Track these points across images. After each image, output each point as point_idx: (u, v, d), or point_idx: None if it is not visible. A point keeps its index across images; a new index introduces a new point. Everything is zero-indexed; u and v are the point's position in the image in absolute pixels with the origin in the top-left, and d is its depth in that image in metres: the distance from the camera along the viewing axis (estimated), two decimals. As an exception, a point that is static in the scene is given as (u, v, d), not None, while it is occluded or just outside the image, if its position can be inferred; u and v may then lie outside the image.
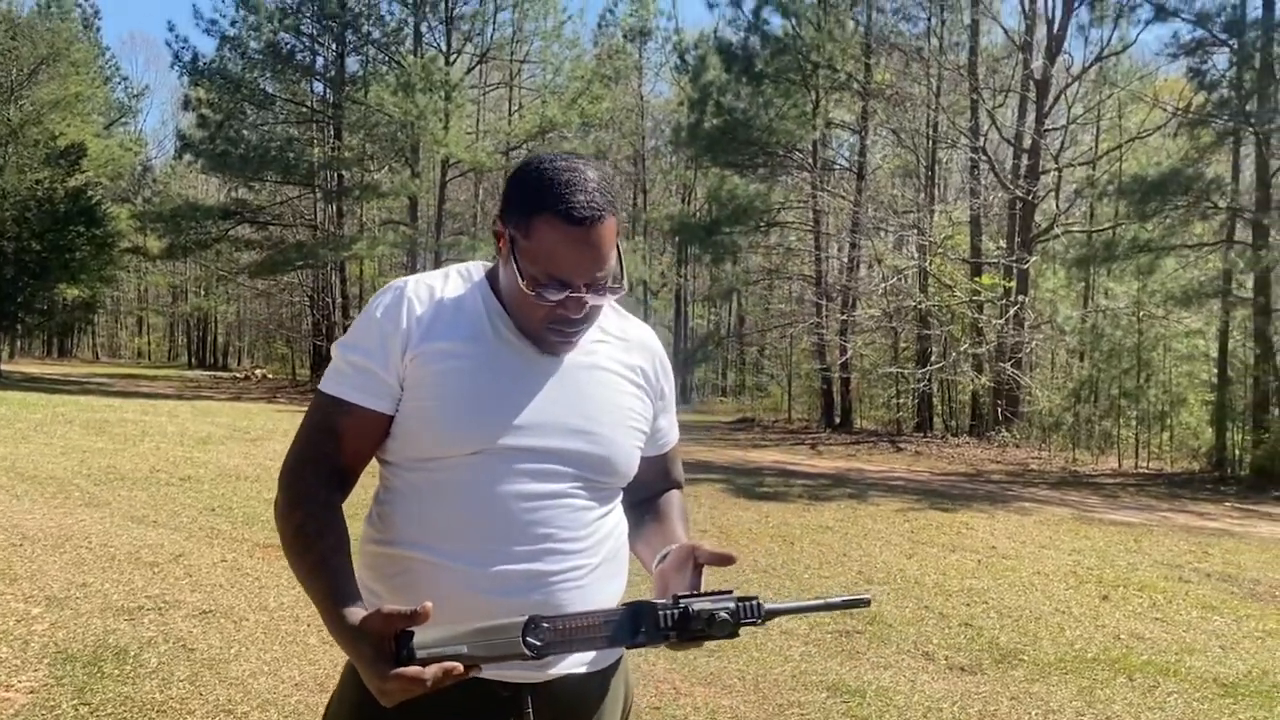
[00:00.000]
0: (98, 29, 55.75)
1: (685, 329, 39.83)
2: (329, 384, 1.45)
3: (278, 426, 15.92)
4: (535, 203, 1.36)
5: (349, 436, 1.43)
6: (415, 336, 1.41)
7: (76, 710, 3.66)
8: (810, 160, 25.03)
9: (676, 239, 33.21)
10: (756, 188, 25.11)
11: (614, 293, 1.43)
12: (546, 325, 1.41)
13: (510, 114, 32.50)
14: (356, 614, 1.25)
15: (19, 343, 44.66)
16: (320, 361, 33.57)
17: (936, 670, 4.74)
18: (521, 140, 29.16)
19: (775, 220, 26.69)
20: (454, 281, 1.50)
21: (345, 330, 1.58)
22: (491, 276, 1.50)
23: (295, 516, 1.40)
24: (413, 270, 29.97)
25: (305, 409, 1.50)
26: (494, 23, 30.00)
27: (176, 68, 31.24)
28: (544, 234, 1.35)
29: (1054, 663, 4.94)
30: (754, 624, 1.30)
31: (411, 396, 1.41)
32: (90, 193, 31.54)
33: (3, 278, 28.37)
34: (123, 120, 54.26)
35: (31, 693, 3.80)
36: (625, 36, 42.73)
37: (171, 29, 55.82)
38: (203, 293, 51.22)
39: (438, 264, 28.00)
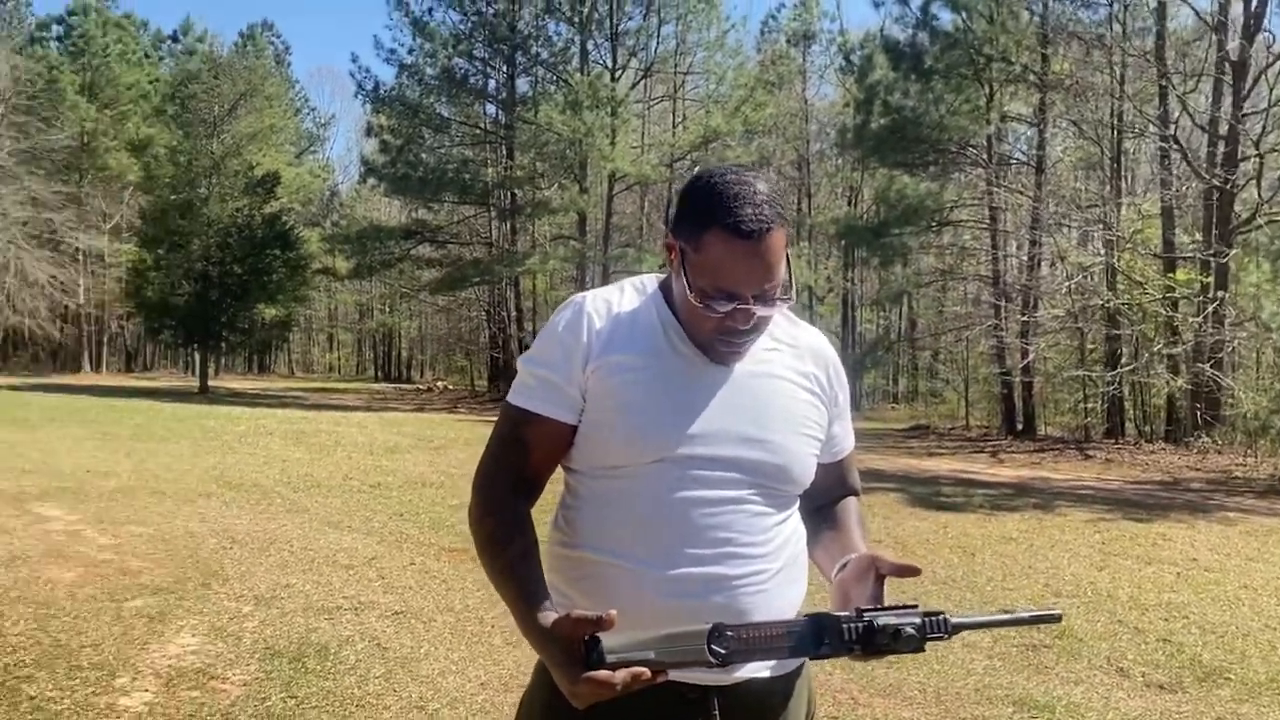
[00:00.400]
0: (288, 64, 59.71)
1: (853, 334, 39.16)
2: (516, 397, 1.51)
3: (459, 435, 16.54)
4: (705, 217, 1.39)
5: (535, 446, 1.49)
6: (595, 350, 1.46)
7: (284, 703, 3.91)
8: (985, 156, 24.20)
9: (843, 242, 32.70)
10: (927, 186, 24.46)
11: (782, 303, 1.44)
12: (716, 336, 1.43)
13: (674, 126, 32.78)
14: (547, 617, 1.30)
15: (223, 360, 48.08)
16: (498, 373, 34.68)
17: (1132, 687, 4.50)
18: (685, 151, 29.38)
19: (948, 219, 25.96)
20: (629, 295, 1.54)
21: (522, 344, 1.65)
22: (665, 288, 1.54)
23: (487, 524, 1.47)
24: (582, 283, 30.64)
25: (485, 419, 1.59)
26: (658, 36, 30.32)
27: (360, 96, 33.03)
28: (713, 247, 1.38)
29: (1265, 683, 4.61)
30: (940, 639, 1.29)
31: (594, 408, 1.46)
32: (284, 218, 33.73)
33: (209, 300, 30.63)
34: (312, 149, 57.82)
35: (245, 685, 4.09)
36: (788, 41, 42.51)
37: (354, 60, 58.99)
38: (387, 310, 53.92)
39: (606, 277, 28.58)
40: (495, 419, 1.57)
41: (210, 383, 32.66)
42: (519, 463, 1.49)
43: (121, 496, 8.78)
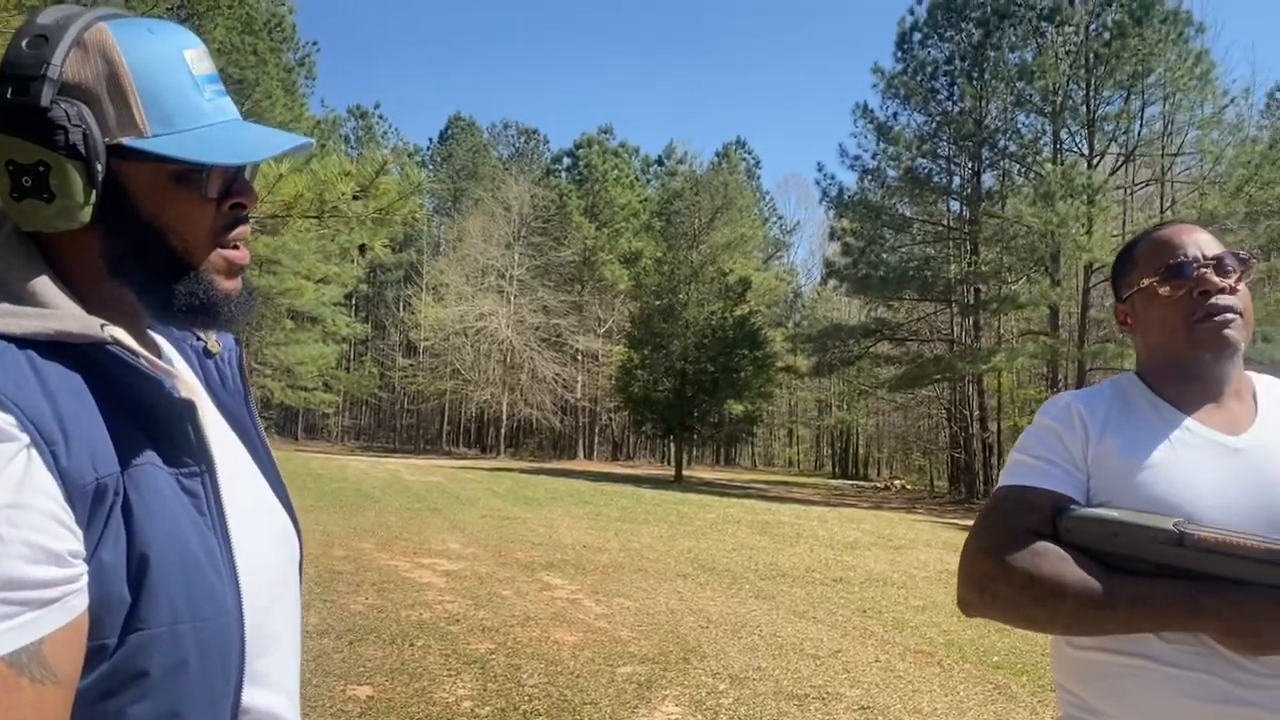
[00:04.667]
0: (758, 177, 63.56)
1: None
2: (1011, 477, 1.46)
3: (919, 536, 16.21)
4: (1134, 246, 1.55)
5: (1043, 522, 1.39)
6: (1093, 437, 1.45)
7: (759, 778, 4.09)
8: None
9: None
10: None
11: (1243, 265, 1.44)
12: (1193, 323, 1.43)
13: (1161, 211, 30.16)
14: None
15: (694, 451, 51.34)
16: (958, 474, 33.58)
17: None
18: (1175, 237, 26.84)
19: None
20: (1113, 389, 1.54)
21: (985, 444, 1.67)
22: (1142, 373, 1.55)
23: (1020, 566, 1.35)
24: (1054, 381, 28.92)
25: (945, 520, 1.66)
26: (1141, 119, 28.32)
27: (824, 202, 34.37)
28: (1148, 250, 1.51)
29: None
30: None
31: (1100, 490, 1.41)
32: (752, 320, 35.62)
33: (685, 395, 33.02)
34: (778, 254, 60.68)
35: (723, 756, 4.33)
36: (1305, 109, 37.63)
37: (820, 169, 61.23)
38: (845, 406, 54.51)
39: (1081, 374, 26.76)
40: (955, 520, 1.56)
41: (683, 472, 34.97)
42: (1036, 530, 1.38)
43: (612, 571, 9.71)
